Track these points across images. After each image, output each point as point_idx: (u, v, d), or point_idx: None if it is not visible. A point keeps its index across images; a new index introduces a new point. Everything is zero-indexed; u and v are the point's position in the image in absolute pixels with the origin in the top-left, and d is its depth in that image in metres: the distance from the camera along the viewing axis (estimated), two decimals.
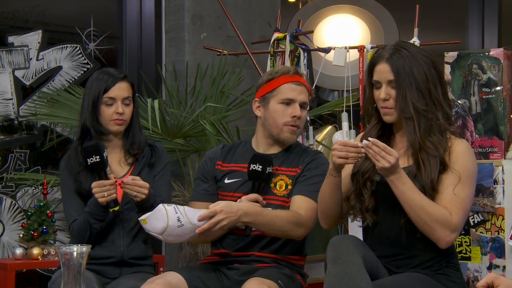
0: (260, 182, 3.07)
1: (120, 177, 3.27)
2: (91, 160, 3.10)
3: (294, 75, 3.17)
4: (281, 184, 3.12)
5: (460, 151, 2.77)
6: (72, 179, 3.27)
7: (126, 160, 3.33)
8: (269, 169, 3.06)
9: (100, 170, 3.13)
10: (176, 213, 2.88)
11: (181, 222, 2.88)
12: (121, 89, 3.29)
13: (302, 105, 3.15)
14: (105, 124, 3.29)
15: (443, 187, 2.73)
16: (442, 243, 2.71)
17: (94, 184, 3.12)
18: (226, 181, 3.18)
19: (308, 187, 3.07)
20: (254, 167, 3.05)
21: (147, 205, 3.15)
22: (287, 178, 3.12)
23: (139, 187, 3.12)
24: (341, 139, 2.71)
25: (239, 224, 2.96)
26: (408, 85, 2.74)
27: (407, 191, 2.68)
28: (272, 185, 3.12)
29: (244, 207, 2.95)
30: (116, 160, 3.34)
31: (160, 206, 2.89)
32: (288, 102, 3.14)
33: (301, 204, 3.05)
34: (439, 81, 2.80)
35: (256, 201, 3.03)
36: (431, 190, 2.72)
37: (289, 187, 3.11)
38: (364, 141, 2.68)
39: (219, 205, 2.90)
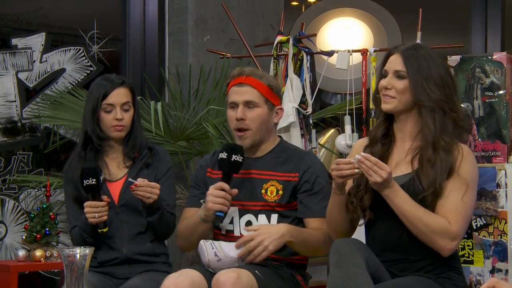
0: (226, 170, 3.02)
1: (116, 180, 3.31)
2: (87, 182, 3.10)
3: (237, 77, 3.14)
4: (272, 190, 3.10)
5: (465, 157, 2.77)
6: (72, 186, 3.31)
7: (125, 163, 3.35)
8: (235, 157, 2.99)
9: (95, 192, 3.14)
10: (213, 248, 2.97)
11: (218, 257, 2.97)
12: (119, 95, 3.31)
13: (247, 105, 3.10)
14: (106, 131, 3.31)
15: (446, 193, 2.73)
16: (444, 252, 2.73)
17: (86, 204, 3.15)
18: None
19: (318, 205, 3.07)
20: (221, 155, 3.02)
21: (156, 207, 3.18)
22: (278, 183, 3.10)
23: (152, 187, 3.14)
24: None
25: (280, 241, 2.96)
26: (424, 78, 2.76)
27: (402, 204, 2.69)
28: (263, 191, 3.09)
29: (283, 226, 2.99)
30: (115, 163, 3.36)
31: (201, 242, 2.99)
32: (233, 106, 3.13)
33: (319, 226, 3.05)
34: (454, 88, 2.82)
35: (222, 189, 2.99)
36: (433, 195, 2.71)
37: (280, 192, 3.09)
38: (357, 156, 2.68)
39: (258, 229, 2.95)
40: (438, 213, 2.72)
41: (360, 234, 2.94)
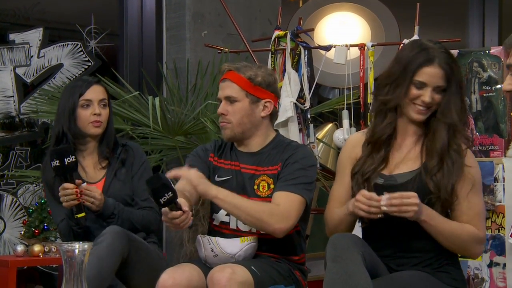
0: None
1: (96, 182, 3.34)
2: (53, 163, 3.10)
3: (223, 74, 3.15)
4: (263, 185, 3.08)
5: (472, 161, 2.80)
6: (48, 188, 3.34)
7: (101, 163, 3.36)
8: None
9: (61, 175, 3.14)
10: (209, 244, 2.97)
11: (214, 252, 2.97)
12: (96, 92, 3.36)
13: (228, 100, 3.10)
14: (83, 128, 3.33)
15: (461, 196, 2.74)
16: (476, 257, 2.86)
17: (60, 187, 3.15)
18: (217, 179, 3.14)
19: (288, 182, 3.00)
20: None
21: (108, 214, 3.21)
22: (268, 177, 3.08)
23: (90, 191, 3.17)
24: (366, 192, 2.67)
25: (204, 188, 2.92)
26: (455, 93, 2.74)
27: (438, 224, 2.69)
28: (255, 187, 3.08)
29: (215, 188, 2.95)
30: (92, 165, 3.37)
31: (198, 237, 2.98)
32: (219, 102, 3.15)
33: (279, 199, 2.97)
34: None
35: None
36: (447, 195, 2.72)
37: (271, 186, 3.06)
38: (384, 199, 2.62)
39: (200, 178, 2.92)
40: (461, 219, 2.74)
41: (357, 228, 2.95)
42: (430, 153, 2.76)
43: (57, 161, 3.09)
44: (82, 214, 3.15)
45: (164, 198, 2.65)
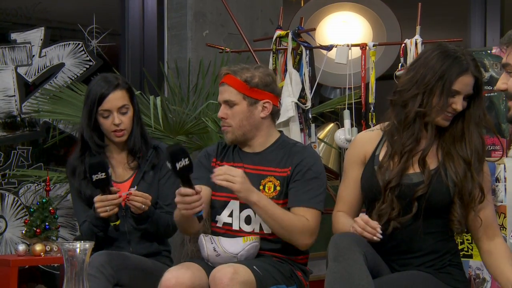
0: (180, 177, 2.89)
1: (123, 181, 3.33)
2: (97, 176, 3.06)
3: (221, 78, 3.16)
4: (269, 186, 3.09)
5: (487, 168, 2.82)
6: (75, 192, 3.34)
7: (129, 164, 3.34)
8: (179, 165, 2.80)
9: (104, 186, 3.12)
10: (212, 244, 2.97)
11: (217, 252, 2.97)
12: (115, 100, 3.28)
13: (227, 103, 3.11)
14: (107, 135, 3.32)
15: (485, 203, 2.77)
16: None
17: (97, 198, 3.13)
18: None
19: (305, 195, 3.04)
20: (168, 166, 2.87)
21: (145, 215, 3.20)
22: (275, 179, 3.09)
23: (145, 198, 3.16)
24: (365, 216, 2.70)
25: (246, 194, 2.93)
26: (481, 99, 2.78)
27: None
28: (261, 187, 3.08)
29: (257, 192, 2.97)
30: (120, 164, 3.35)
31: (200, 236, 2.98)
32: (220, 105, 3.16)
33: (307, 214, 3.02)
34: None
35: (186, 195, 2.88)
36: (470, 199, 2.74)
37: (278, 188, 3.08)
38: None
39: (240, 176, 2.93)
40: (479, 224, 2.77)
41: None
42: (455, 156, 2.75)
43: (103, 174, 3.05)
44: (118, 222, 3.15)
45: (181, 164, 2.73)
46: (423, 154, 2.75)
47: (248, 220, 3.09)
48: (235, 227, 3.10)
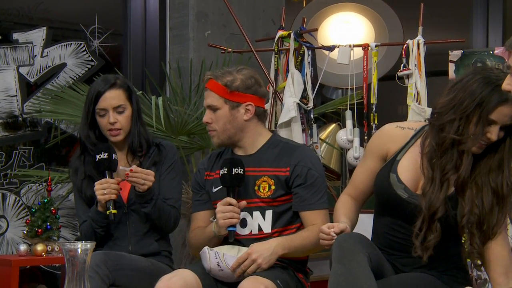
0: (230, 185, 3.03)
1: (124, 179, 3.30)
2: (100, 156, 3.13)
3: (205, 83, 3.17)
4: (264, 186, 3.09)
5: None
6: (77, 189, 3.35)
7: (130, 162, 3.34)
8: (236, 170, 3.00)
9: (105, 169, 3.16)
10: (216, 258, 2.96)
11: (220, 267, 2.96)
12: (110, 98, 3.28)
13: (211, 108, 3.13)
14: (104, 134, 3.33)
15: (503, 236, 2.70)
16: None
17: (97, 182, 3.16)
18: (214, 190, 3.17)
19: (312, 198, 3.06)
20: (222, 171, 3.04)
21: (149, 197, 3.19)
22: (269, 178, 3.09)
23: (146, 174, 3.17)
24: (331, 224, 2.75)
25: (273, 258, 2.97)
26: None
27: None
28: (255, 187, 3.09)
29: (273, 241, 3.00)
30: (122, 160, 3.35)
31: (204, 249, 2.98)
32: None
33: (315, 219, 3.05)
34: None
35: (230, 204, 2.99)
36: (489, 230, 2.68)
37: (272, 187, 3.08)
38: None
39: (250, 248, 2.96)
40: (497, 262, 2.68)
41: (366, 225, 2.95)
42: (484, 187, 2.68)
43: (105, 154, 3.14)
44: (115, 211, 3.15)
45: (236, 171, 3.00)
46: (460, 182, 2.67)
47: (243, 224, 3.09)
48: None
